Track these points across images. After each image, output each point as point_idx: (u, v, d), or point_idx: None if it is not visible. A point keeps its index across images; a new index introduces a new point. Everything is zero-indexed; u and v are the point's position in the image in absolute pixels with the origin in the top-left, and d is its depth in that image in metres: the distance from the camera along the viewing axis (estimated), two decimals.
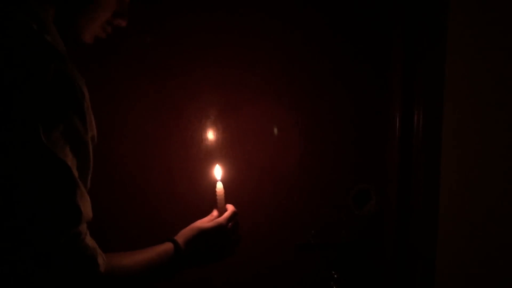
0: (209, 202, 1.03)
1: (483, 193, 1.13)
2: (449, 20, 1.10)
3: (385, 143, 1.33)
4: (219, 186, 1.00)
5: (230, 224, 0.97)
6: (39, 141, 0.59)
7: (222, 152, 1.32)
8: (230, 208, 1.00)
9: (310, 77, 1.34)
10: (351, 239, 1.36)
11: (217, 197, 1.00)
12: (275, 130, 1.33)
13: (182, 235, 0.91)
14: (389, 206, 1.33)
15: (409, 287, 1.30)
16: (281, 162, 1.34)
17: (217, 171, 1.03)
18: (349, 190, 1.35)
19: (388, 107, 1.31)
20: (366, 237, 1.37)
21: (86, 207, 0.67)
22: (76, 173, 0.64)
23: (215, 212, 1.00)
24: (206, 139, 1.32)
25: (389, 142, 1.31)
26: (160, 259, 0.84)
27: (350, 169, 1.35)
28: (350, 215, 1.36)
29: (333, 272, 1.37)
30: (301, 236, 1.35)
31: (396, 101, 1.28)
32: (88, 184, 0.70)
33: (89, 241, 0.68)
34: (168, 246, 0.87)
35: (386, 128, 1.32)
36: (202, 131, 1.33)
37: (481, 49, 1.10)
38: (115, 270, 0.75)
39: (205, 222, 0.96)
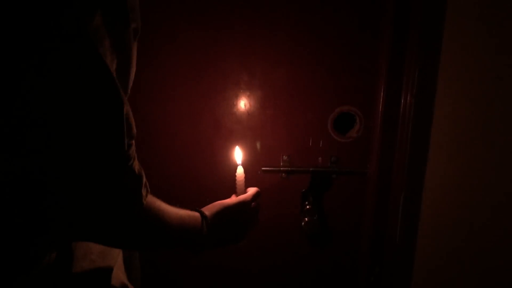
0: (228, 188, 0.94)
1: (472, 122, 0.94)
2: None
3: (374, 65, 1.12)
4: (240, 170, 0.90)
5: (253, 203, 0.87)
6: (81, 30, 0.44)
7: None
8: (253, 189, 0.91)
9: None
10: (328, 167, 1.20)
11: (237, 182, 0.90)
12: None
13: (206, 209, 0.79)
14: (374, 134, 1.15)
15: (391, 222, 1.16)
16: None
17: (238, 154, 0.93)
18: (328, 114, 1.17)
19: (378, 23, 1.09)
20: (346, 167, 1.21)
21: (132, 122, 0.53)
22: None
23: (233, 197, 0.90)
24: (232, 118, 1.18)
25: (379, 62, 1.11)
26: (189, 221, 0.72)
27: (332, 93, 1.16)
28: (328, 142, 1.19)
29: (306, 203, 1.23)
30: (270, 163, 1.20)
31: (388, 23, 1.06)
32: (128, 92, 0.57)
33: (136, 166, 0.56)
34: (195, 213, 0.75)
35: (376, 49, 1.11)
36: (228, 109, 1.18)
37: None
38: (155, 210, 0.63)
39: (227, 200, 0.85)
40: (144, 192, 0.58)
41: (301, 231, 1.23)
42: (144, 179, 0.58)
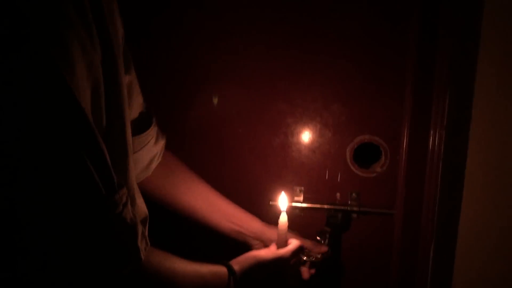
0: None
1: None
2: None
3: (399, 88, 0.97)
4: (283, 218, 0.84)
5: (293, 260, 0.80)
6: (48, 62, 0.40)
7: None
8: (295, 241, 0.83)
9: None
10: (347, 205, 1.05)
11: (278, 231, 0.84)
12: None
13: (236, 262, 0.72)
14: (399, 170, 0.99)
15: (421, 277, 0.98)
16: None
17: (283, 200, 0.88)
18: (347, 143, 1.03)
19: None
20: (369, 206, 1.05)
21: (110, 165, 0.46)
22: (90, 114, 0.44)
23: (273, 247, 0.82)
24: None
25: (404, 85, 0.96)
26: (212, 280, 0.65)
27: (351, 120, 1.02)
28: (348, 175, 1.05)
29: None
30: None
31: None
32: (126, 131, 0.52)
33: (129, 214, 0.48)
34: (221, 269, 0.68)
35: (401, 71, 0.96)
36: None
37: None
38: (163, 271, 0.56)
39: (263, 252, 0.77)
40: (142, 245, 0.49)
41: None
42: (141, 230, 0.49)
